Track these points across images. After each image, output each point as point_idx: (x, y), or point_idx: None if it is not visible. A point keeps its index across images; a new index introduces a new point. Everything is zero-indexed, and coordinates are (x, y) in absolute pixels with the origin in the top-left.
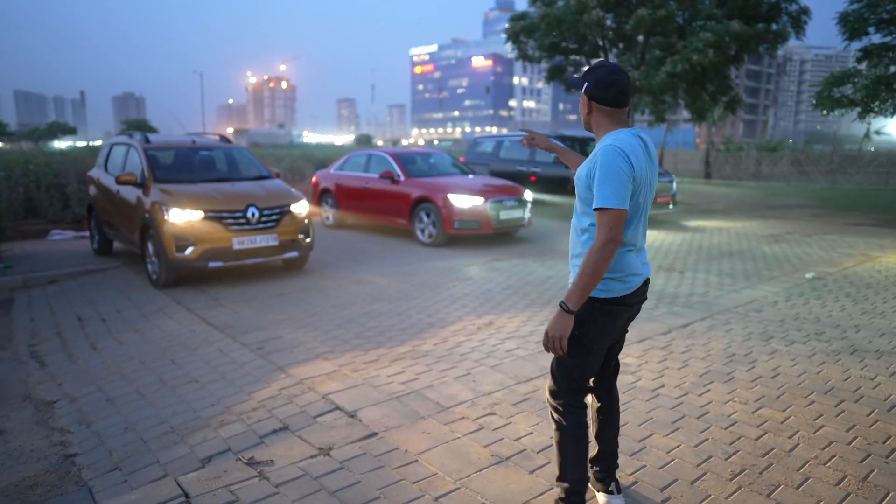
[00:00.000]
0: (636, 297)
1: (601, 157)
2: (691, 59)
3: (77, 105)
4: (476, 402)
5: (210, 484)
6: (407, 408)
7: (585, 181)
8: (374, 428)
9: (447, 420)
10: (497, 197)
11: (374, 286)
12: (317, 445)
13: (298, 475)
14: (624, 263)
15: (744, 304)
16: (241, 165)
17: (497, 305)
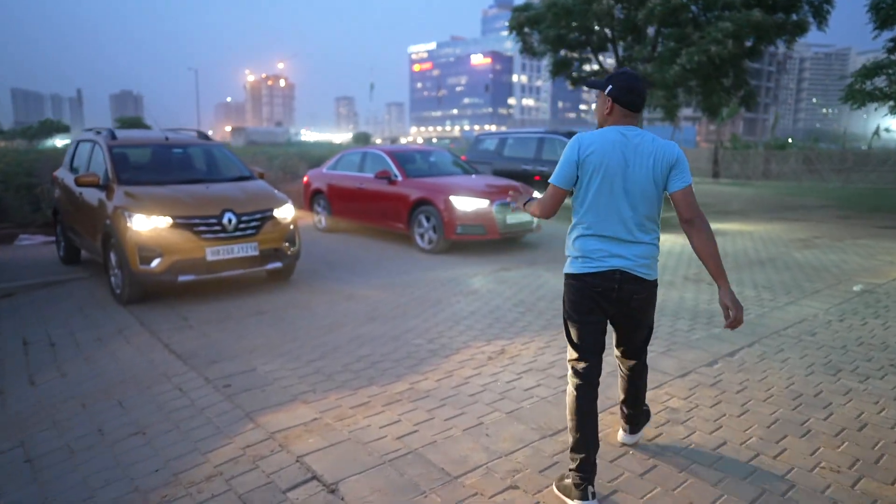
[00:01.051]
0: (599, 280)
1: (568, 142)
2: (709, 51)
3: (74, 103)
4: (492, 468)
5: None
6: (403, 477)
7: None
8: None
9: (456, 498)
10: (503, 199)
11: (368, 302)
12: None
13: None
14: (579, 245)
15: (792, 324)
16: (221, 165)
17: (509, 327)
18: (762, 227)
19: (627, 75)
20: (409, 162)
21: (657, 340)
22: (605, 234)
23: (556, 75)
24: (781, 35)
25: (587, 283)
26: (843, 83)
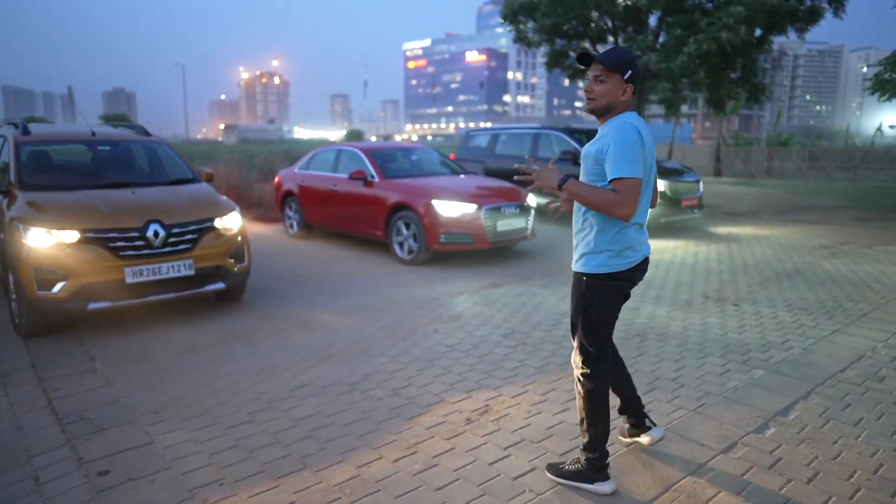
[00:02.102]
0: (637, 273)
1: (616, 133)
2: (719, 38)
3: (66, 101)
4: None
5: None
6: None
7: (595, 157)
8: None
9: None
10: (494, 203)
11: (326, 332)
12: None
13: None
14: (623, 237)
15: (849, 363)
16: (158, 165)
17: (495, 368)
18: (778, 232)
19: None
20: (387, 161)
21: (684, 390)
22: (641, 222)
23: (552, 67)
24: (794, 22)
25: (628, 280)
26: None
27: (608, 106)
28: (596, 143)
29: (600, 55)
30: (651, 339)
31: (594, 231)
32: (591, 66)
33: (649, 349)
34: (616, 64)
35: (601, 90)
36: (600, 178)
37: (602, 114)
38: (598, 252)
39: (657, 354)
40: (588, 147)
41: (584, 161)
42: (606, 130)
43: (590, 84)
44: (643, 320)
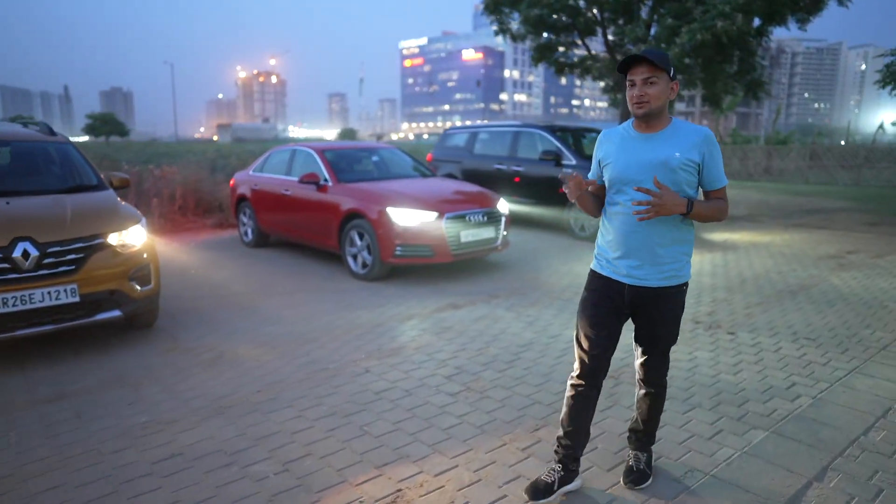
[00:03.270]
0: (609, 285)
1: (713, 142)
2: (714, 27)
3: (63, 100)
4: None
5: None
6: None
7: (694, 165)
8: None
9: None
10: (458, 210)
11: (235, 372)
12: None
13: None
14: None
15: (874, 418)
16: (56, 170)
17: (427, 427)
18: (779, 238)
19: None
20: (344, 163)
21: (662, 464)
22: None
23: (538, 61)
24: (795, 11)
25: (601, 283)
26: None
27: (661, 107)
28: (693, 149)
29: (649, 54)
30: (626, 383)
31: (688, 242)
32: (633, 68)
33: (623, 396)
34: (663, 61)
35: (655, 92)
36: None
37: (654, 118)
38: (689, 261)
39: (632, 405)
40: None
41: (680, 170)
42: (702, 136)
43: (641, 88)
44: (618, 355)
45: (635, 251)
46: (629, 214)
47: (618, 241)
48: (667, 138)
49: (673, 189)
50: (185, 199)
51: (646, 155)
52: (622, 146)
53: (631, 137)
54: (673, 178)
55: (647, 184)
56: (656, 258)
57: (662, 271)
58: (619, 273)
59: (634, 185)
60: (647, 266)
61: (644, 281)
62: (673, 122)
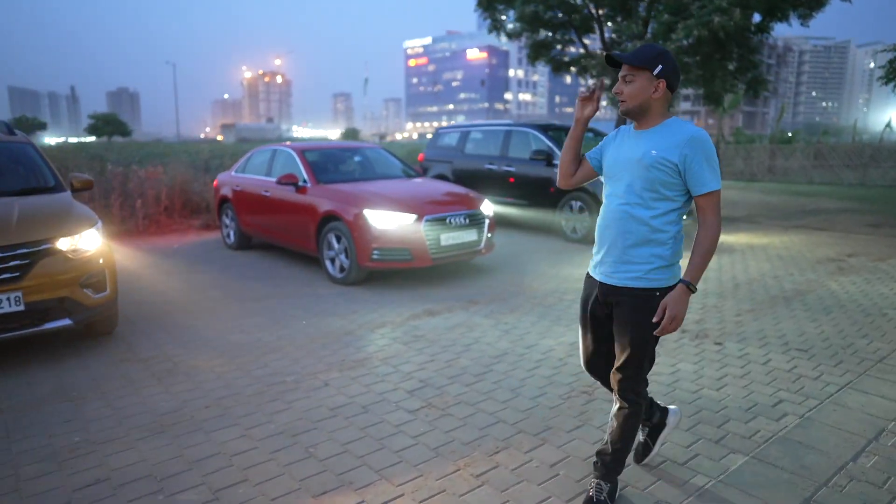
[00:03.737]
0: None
1: (704, 143)
2: (711, 23)
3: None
4: None
5: None
6: None
7: (671, 166)
8: None
9: None
10: (438, 213)
11: (187, 385)
12: None
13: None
14: None
15: (865, 441)
16: (11, 171)
17: (378, 448)
18: (777, 240)
19: (672, 54)
20: (324, 163)
21: (628, 496)
22: None
23: (534, 59)
24: (796, 7)
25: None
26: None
27: (641, 106)
28: (673, 150)
29: (625, 54)
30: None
31: (662, 244)
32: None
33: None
34: (642, 60)
35: (630, 90)
36: (658, 185)
37: (637, 116)
38: (673, 263)
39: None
40: (660, 153)
41: (655, 168)
42: (688, 136)
43: (618, 85)
44: None
45: (609, 247)
46: (609, 209)
47: (597, 236)
48: (651, 136)
49: (647, 187)
50: (172, 199)
51: (627, 152)
52: (617, 141)
53: (626, 134)
54: (646, 175)
55: (624, 181)
56: (626, 257)
57: (629, 270)
58: (595, 270)
59: (615, 181)
60: (616, 263)
61: (609, 278)
62: (667, 121)
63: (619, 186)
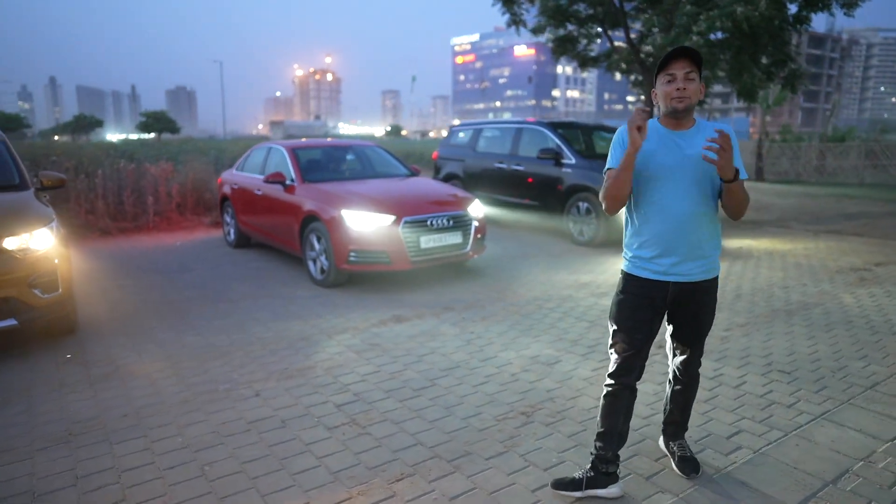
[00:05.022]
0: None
1: (734, 138)
2: (734, 14)
3: (131, 99)
4: None
5: None
6: None
7: None
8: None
9: None
10: (418, 214)
11: (118, 391)
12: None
13: None
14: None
15: (819, 486)
16: None
17: (276, 469)
18: (802, 246)
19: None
20: (315, 161)
21: None
22: None
23: (559, 55)
24: None
25: None
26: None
27: (693, 106)
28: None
29: (688, 50)
30: (538, 423)
31: (720, 235)
32: (672, 63)
33: (524, 441)
34: (700, 60)
35: (693, 87)
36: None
37: (685, 114)
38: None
39: (528, 453)
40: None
41: (696, 165)
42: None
43: (681, 82)
44: (551, 385)
45: (675, 248)
46: (667, 211)
47: (656, 240)
48: (695, 136)
49: (707, 184)
50: (185, 196)
51: (680, 152)
52: (656, 142)
53: (664, 134)
54: (707, 172)
55: (686, 181)
56: (697, 253)
57: (703, 266)
58: (658, 272)
59: (671, 181)
60: (688, 262)
61: (687, 276)
62: (697, 121)
63: (677, 187)
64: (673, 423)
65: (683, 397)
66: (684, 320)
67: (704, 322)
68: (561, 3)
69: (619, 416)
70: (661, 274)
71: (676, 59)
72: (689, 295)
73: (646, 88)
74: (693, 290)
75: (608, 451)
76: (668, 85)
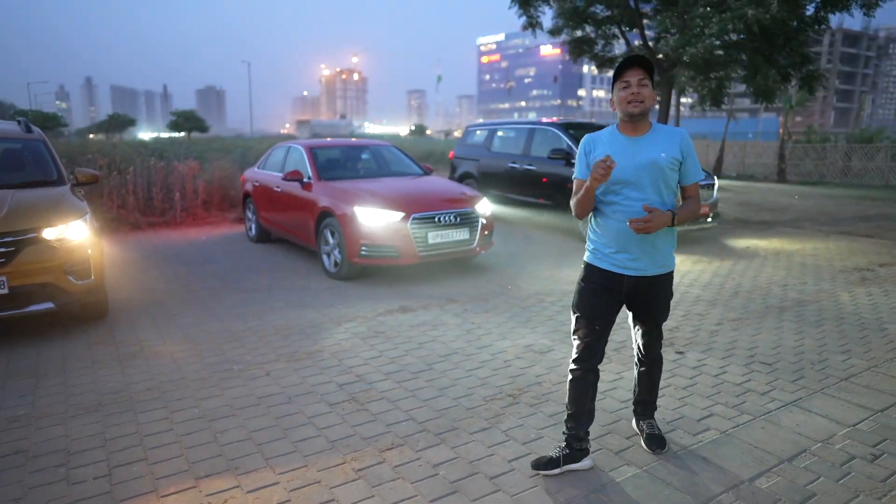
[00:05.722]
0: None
1: (689, 141)
2: (745, 17)
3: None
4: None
5: None
6: None
7: (677, 163)
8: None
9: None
10: (426, 211)
11: (140, 368)
12: None
13: None
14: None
15: (774, 463)
16: (20, 165)
17: (278, 438)
18: (811, 247)
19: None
20: (329, 159)
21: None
22: None
23: (576, 56)
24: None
25: None
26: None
27: (648, 111)
28: (674, 148)
29: (640, 59)
30: (523, 404)
31: (674, 234)
32: (627, 71)
33: (507, 419)
34: (652, 69)
35: (648, 93)
36: (672, 182)
37: (640, 119)
38: (674, 251)
39: (510, 429)
40: (664, 153)
41: (663, 170)
42: (677, 135)
43: (635, 89)
44: (541, 371)
45: (631, 245)
46: (624, 213)
47: (614, 237)
48: (651, 140)
49: (662, 186)
50: (210, 193)
51: (637, 157)
52: (613, 150)
53: (620, 141)
54: (663, 176)
55: (641, 184)
56: (651, 251)
57: (656, 262)
58: (617, 265)
59: (627, 186)
60: (643, 258)
61: (642, 272)
62: (654, 125)
63: (635, 190)
64: (642, 402)
65: (649, 378)
66: (641, 308)
67: (659, 312)
68: (578, 4)
69: (586, 398)
70: (619, 267)
71: (630, 68)
72: (644, 287)
73: (663, 89)
74: (648, 283)
75: (580, 430)
76: (623, 91)
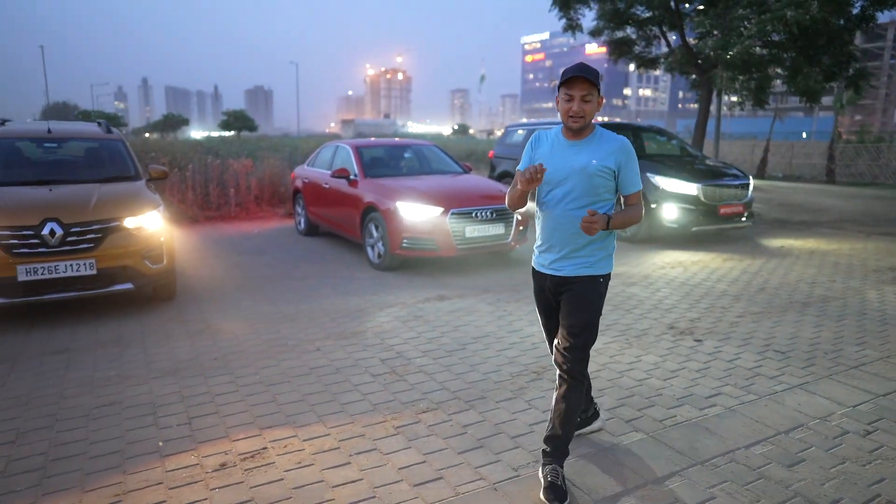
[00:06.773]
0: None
1: (632, 150)
2: (785, 17)
3: (213, 98)
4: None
5: None
6: None
7: (610, 172)
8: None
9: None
10: (464, 206)
11: (209, 342)
12: None
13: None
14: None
15: (771, 434)
16: (102, 162)
17: (330, 400)
18: (847, 247)
19: None
20: (376, 158)
21: (516, 454)
22: None
23: (617, 57)
24: None
25: None
26: None
27: (592, 116)
28: (610, 157)
29: (586, 73)
30: (546, 380)
31: (611, 235)
32: (571, 83)
33: (531, 391)
34: (597, 79)
35: (589, 108)
36: (602, 189)
37: (582, 130)
38: (611, 254)
39: (533, 400)
40: (600, 162)
41: (598, 175)
42: (620, 144)
43: (579, 104)
44: None
45: (555, 245)
46: (555, 212)
47: (543, 236)
48: (587, 145)
49: (589, 192)
50: (262, 189)
51: (569, 161)
52: (552, 151)
53: (560, 143)
54: (590, 182)
55: (573, 186)
56: (572, 252)
57: (575, 263)
58: (542, 265)
59: (558, 188)
60: (564, 259)
61: (559, 271)
62: (596, 130)
63: (561, 192)
64: (552, 438)
65: (565, 402)
66: (561, 311)
67: (572, 318)
68: (619, 6)
69: None
70: (541, 266)
71: (575, 80)
72: (563, 288)
73: (702, 89)
74: (565, 284)
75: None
76: (566, 103)
